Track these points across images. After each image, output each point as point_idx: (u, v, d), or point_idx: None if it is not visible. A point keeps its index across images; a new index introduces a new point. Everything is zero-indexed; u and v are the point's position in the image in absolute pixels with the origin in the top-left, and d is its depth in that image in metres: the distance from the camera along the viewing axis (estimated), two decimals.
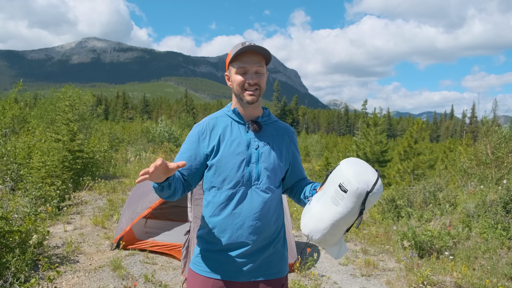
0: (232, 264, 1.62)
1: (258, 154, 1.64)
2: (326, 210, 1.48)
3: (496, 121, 12.87)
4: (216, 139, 1.65)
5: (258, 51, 1.60)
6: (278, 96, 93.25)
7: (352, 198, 1.43)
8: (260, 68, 1.61)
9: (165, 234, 5.03)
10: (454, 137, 62.03)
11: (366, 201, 1.43)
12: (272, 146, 1.68)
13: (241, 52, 1.59)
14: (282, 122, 1.80)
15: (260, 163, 1.63)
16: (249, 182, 1.61)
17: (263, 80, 1.63)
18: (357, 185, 1.43)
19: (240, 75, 1.61)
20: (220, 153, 1.63)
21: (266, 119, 1.73)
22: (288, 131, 1.78)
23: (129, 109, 78.87)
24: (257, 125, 1.67)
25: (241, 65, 1.60)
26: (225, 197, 1.61)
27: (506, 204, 5.76)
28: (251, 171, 1.62)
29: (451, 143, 24.84)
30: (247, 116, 1.69)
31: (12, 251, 3.73)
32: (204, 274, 1.64)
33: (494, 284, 4.06)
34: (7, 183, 7.12)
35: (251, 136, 1.66)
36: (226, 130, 1.67)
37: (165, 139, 23.72)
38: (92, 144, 9.91)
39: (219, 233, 1.62)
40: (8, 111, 11.88)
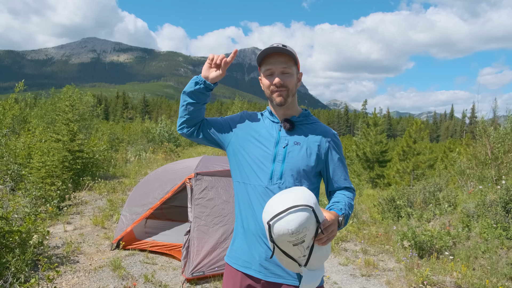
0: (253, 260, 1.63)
1: (285, 153, 1.61)
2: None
3: (496, 121, 12.87)
4: (249, 130, 1.70)
5: (280, 51, 1.57)
6: None
7: (266, 232, 1.36)
8: (287, 69, 1.59)
9: (165, 234, 5.03)
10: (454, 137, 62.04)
11: (272, 234, 1.32)
12: (302, 145, 1.63)
13: (267, 54, 1.59)
14: (322, 125, 1.73)
15: (286, 162, 1.60)
16: (271, 180, 1.60)
17: (291, 80, 1.61)
18: (263, 215, 1.38)
19: (267, 78, 1.62)
20: (248, 147, 1.67)
21: (303, 119, 1.69)
22: (327, 134, 1.69)
23: (129, 109, 78.88)
24: (289, 123, 1.65)
25: (267, 67, 1.61)
26: (246, 192, 1.64)
27: (505, 204, 5.76)
28: (275, 169, 1.60)
29: (451, 143, 24.85)
30: (281, 115, 1.68)
31: (12, 251, 3.73)
32: (234, 266, 1.68)
33: (494, 284, 4.06)
34: (7, 183, 7.13)
35: (282, 134, 1.65)
36: (261, 126, 1.70)
37: (165, 139, 23.72)
38: (92, 144, 9.92)
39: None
40: (8, 111, 11.88)
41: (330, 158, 1.68)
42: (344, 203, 1.59)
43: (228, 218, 4.18)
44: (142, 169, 12.72)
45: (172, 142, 23.22)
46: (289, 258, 1.38)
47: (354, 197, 1.71)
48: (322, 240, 1.37)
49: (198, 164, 4.51)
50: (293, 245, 1.33)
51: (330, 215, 1.41)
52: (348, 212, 1.58)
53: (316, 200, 1.37)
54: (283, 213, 1.31)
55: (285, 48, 1.56)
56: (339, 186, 1.70)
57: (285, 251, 1.36)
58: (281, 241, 1.33)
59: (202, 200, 4.17)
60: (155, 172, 5.29)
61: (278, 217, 1.31)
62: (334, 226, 1.41)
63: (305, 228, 1.30)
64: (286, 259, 1.40)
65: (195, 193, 4.19)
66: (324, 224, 1.36)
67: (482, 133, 9.88)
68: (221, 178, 4.43)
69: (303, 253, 1.37)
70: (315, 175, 1.66)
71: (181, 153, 21.01)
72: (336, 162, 1.69)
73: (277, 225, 1.31)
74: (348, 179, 1.73)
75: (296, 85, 1.65)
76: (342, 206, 1.56)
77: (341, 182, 1.70)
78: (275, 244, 1.35)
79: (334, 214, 1.45)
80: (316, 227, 1.34)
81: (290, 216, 1.30)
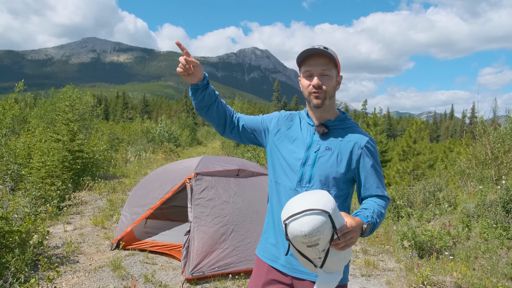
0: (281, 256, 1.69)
1: (315, 158, 1.62)
2: None
3: (496, 121, 12.86)
4: (284, 131, 1.73)
5: (321, 53, 1.56)
6: (278, 96, 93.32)
7: (284, 230, 1.40)
8: (326, 71, 1.58)
9: (165, 234, 5.03)
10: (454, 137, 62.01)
11: (287, 233, 1.36)
12: (333, 151, 1.62)
13: (307, 55, 1.59)
14: (358, 129, 1.70)
15: (315, 167, 1.61)
16: (300, 183, 1.62)
17: (330, 83, 1.59)
18: (282, 214, 1.41)
19: (306, 79, 1.62)
20: (281, 149, 1.71)
21: (338, 124, 1.68)
22: (361, 140, 1.64)
23: (129, 109, 78.82)
24: (324, 127, 1.65)
25: (306, 68, 1.60)
26: (277, 191, 1.69)
27: (505, 204, 5.77)
28: (304, 173, 1.62)
29: (451, 143, 24.84)
30: (318, 118, 1.68)
31: (12, 251, 3.73)
32: (262, 258, 1.76)
33: (494, 284, 4.06)
34: (7, 183, 7.13)
35: (315, 138, 1.66)
36: (296, 128, 1.72)
37: (165, 139, 23.72)
38: (92, 144, 9.92)
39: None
40: (8, 111, 11.88)
41: (362, 165, 1.64)
42: (372, 210, 1.56)
43: (228, 218, 4.18)
44: (142, 169, 12.72)
45: (172, 142, 23.22)
46: (304, 258, 1.41)
47: (386, 205, 1.67)
48: (339, 246, 1.36)
49: (198, 164, 4.51)
50: (307, 246, 1.35)
51: (352, 222, 1.39)
52: (376, 220, 1.54)
53: (335, 206, 1.37)
54: (299, 215, 1.33)
55: (326, 50, 1.55)
56: (371, 193, 1.67)
57: (300, 251, 1.39)
58: (295, 241, 1.35)
59: (202, 200, 4.17)
60: (155, 172, 5.29)
61: (294, 218, 1.33)
62: (354, 233, 1.38)
63: (318, 232, 1.31)
64: (301, 258, 1.42)
65: (195, 193, 4.18)
66: (342, 230, 1.35)
67: (482, 133, 9.88)
68: (221, 178, 4.43)
69: (318, 256, 1.38)
70: (345, 182, 1.65)
71: (181, 153, 21.02)
72: (369, 169, 1.65)
73: (291, 225, 1.34)
74: (382, 187, 1.68)
75: (335, 88, 1.64)
76: (369, 214, 1.53)
77: (373, 189, 1.66)
78: (291, 243, 1.38)
79: (357, 221, 1.42)
80: (332, 232, 1.34)
81: (304, 218, 1.32)
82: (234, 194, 4.37)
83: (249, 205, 4.38)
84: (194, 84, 1.63)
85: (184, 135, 30.47)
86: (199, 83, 1.62)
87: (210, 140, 39.47)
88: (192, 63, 1.56)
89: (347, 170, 1.62)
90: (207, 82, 1.65)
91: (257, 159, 14.96)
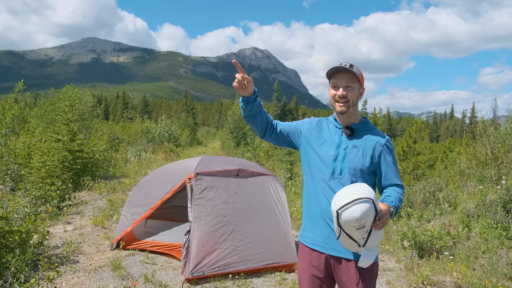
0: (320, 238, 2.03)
1: (345, 154, 1.98)
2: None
3: (496, 121, 12.86)
4: (316, 134, 2.09)
5: (346, 70, 1.91)
6: (278, 96, 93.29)
7: (334, 219, 1.73)
8: (350, 84, 1.94)
9: (165, 234, 5.03)
10: (454, 137, 61.97)
11: (340, 221, 1.70)
12: (359, 149, 1.97)
13: (335, 71, 1.95)
14: (378, 131, 2.07)
15: (345, 161, 1.96)
16: (333, 175, 1.97)
17: (353, 94, 1.95)
18: (332, 206, 1.76)
19: (333, 89, 1.99)
20: (315, 148, 2.05)
21: (361, 126, 2.04)
22: (381, 140, 2.01)
23: (129, 109, 78.75)
24: (350, 130, 2.00)
25: (334, 81, 1.98)
26: (313, 184, 2.03)
27: (505, 204, 5.76)
28: (336, 167, 1.97)
29: (451, 143, 24.81)
30: (343, 122, 2.04)
31: (12, 251, 3.73)
32: (304, 243, 2.10)
33: (494, 284, 4.06)
34: (7, 183, 7.13)
35: (343, 138, 2.01)
36: (325, 131, 2.08)
37: (165, 139, 23.72)
38: (92, 144, 9.91)
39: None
40: (8, 111, 11.87)
41: (383, 159, 2.01)
42: (394, 197, 1.94)
43: (228, 218, 4.17)
44: (142, 169, 12.72)
45: (172, 142, 23.21)
46: (351, 239, 1.75)
47: (403, 193, 2.04)
48: (378, 226, 1.74)
49: (198, 164, 4.51)
50: (356, 229, 1.70)
51: (384, 206, 1.79)
52: (398, 204, 1.92)
53: (374, 194, 1.74)
54: (350, 204, 1.68)
55: (351, 68, 1.90)
56: (390, 183, 2.03)
57: (349, 234, 1.73)
58: (347, 226, 1.70)
59: (202, 200, 4.17)
60: (155, 172, 5.29)
61: (346, 207, 1.68)
62: (387, 215, 1.78)
63: (366, 216, 1.67)
64: (348, 240, 1.77)
65: (195, 193, 4.18)
66: (380, 213, 1.73)
67: (482, 133, 9.88)
68: (221, 178, 4.43)
69: (363, 236, 1.73)
70: (369, 173, 2.00)
71: (181, 153, 21.02)
72: (389, 163, 2.01)
73: (344, 213, 1.68)
74: (399, 177, 2.05)
75: (357, 98, 1.99)
76: (393, 199, 1.92)
77: (392, 180, 2.03)
78: (342, 229, 1.73)
79: (386, 205, 1.82)
80: (375, 215, 1.70)
81: (355, 206, 1.67)
82: (234, 194, 4.37)
83: (249, 205, 4.38)
84: (246, 97, 1.99)
85: (184, 135, 30.46)
86: (250, 96, 1.99)
87: (210, 140, 39.45)
88: (247, 79, 1.93)
89: (371, 163, 1.98)
90: (256, 96, 2.02)
91: (257, 159, 14.96)
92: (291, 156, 14.75)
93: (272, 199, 4.59)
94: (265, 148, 20.21)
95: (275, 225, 4.41)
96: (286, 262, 4.29)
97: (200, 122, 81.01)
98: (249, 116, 2.04)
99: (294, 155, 14.91)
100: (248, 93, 1.96)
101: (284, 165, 14.94)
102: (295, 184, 12.38)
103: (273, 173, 5.21)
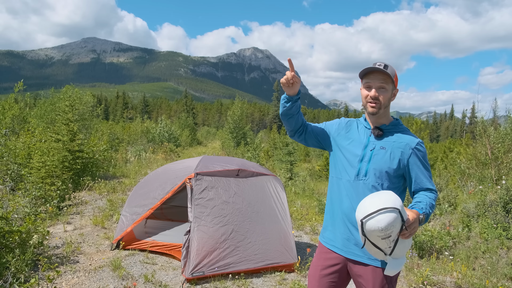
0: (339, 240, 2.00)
1: (371, 155, 1.93)
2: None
3: (496, 121, 12.85)
4: (344, 134, 2.05)
5: (380, 70, 1.86)
6: (278, 96, 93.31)
7: (359, 227, 1.67)
8: (383, 85, 1.89)
9: (165, 234, 5.03)
10: (454, 137, 61.94)
11: (364, 230, 1.63)
12: (387, 150, 1.91)
13: (369, 71, 1.90)
14: (409, 133, 1.98)
15: (371, 162, 1.91)
16: (357, 176, 1.92)
17: (386, 95, 1.90)
18: (357, 214, 1.70)
19: (365, 90, 1.94)
20: (342, 148, 2.02)
21: (391, 128, 1.98)
22: (412, 142, 1.93)
23: (129, 109, 78.73)
24: (379, 130, 1.95)
25: (367, 81, 1.93)
26: (338, 185, 1.99)
27: (505, 204, 5.76)
28: (361, 168, 1.92)
29: (451, 143, 24.81)
30: (373, 123, 2.00)
31: (12, 251, 3.73)
32: (325, 245, 2.06)
33: (494, 284, 4.06)
34: (7, 183, 7.13)
35: (371, 139, 1.97)
36: (354, 131, 2.04)
37: (165, 139, 23.72)
38: (92, 144, 9.91)
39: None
40: (8, 111, 11.87)
41: (413, 163, 1.91)
42: (425, 203, 1.83)
43: (228, 218, 4.17)
44: (142, 169, 12.72)
45: (172, 142, 23.21)
46: (377, 248, 1.68)
47: (436, 198, 1.93)
48: (405, 235, 1.66)
49: (198, 164, 4.51)
50: (382, 239, 1.63)
51: (413, 214, 1.69)
52: (429, 211, 1.82)
53: (401, 203, 1.65)
54: (375, 213, 1.61)
55: (385, 69, 1.85)
56: (422, 187, 1.93)
57: (374, 243, 1.66)
58: (372, 235, 1.63)
59: (202, 200, 4.17)
60: (155, 172, 5.29)
61: (370, 217, 1.61)
62: (416, 223, 1.69)
63: (392, 226, 1.59)
64: (374, 249, 1.70)
65: (195, 193, 4.18)
66: (408, 222, 1.64)
67: (482, 133, 9.88)
68: (221, 178, 4.42)
69: (389, 245, 1.65)
70: (397, 177, 1.92)
71: (181, 153, 21.02)
72: (419, 167, 1.92)
73: (369, 223, 1.61)
74: (431, 181, 1.95)
75: (389, 99, 1.94)
76: (423, 206, 1.81)
77: (423, 184, 1.93)
78: (366, 237, 1.66)
79: (416, 213, 1.72)
80: (401, 225, 1.62)
81: (380, 216, 1.60)
82: (234, 194, 4.37)
83: (249, 205, 4.38)
84: (290, 96, 1.96)
85: (184, 135, 30.46)
86: (294, 96, 1.96)
87: (210, 140, 39.45)
88: (295, 79, 1.90)
89: (398, 166, 1.90)
90: (299, 97, 1.99)
91: (257, 159, 14.96)
92: (291, 156, 14.75)
93: (272, 199, 4.59)
94: (265, 148, 20.22)
95: (275, 225, 4.41)
96: (286, 262, 4.29)
97: (200, 122, 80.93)
98: (287, 114, 2.03)
99: (294, 155, 14.91)
100: (293, 93, 1.95)
101: (284, 165, 14.94)
102: (295, 184, 12.38)
103: (273, 173, 5.20)
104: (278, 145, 22.92)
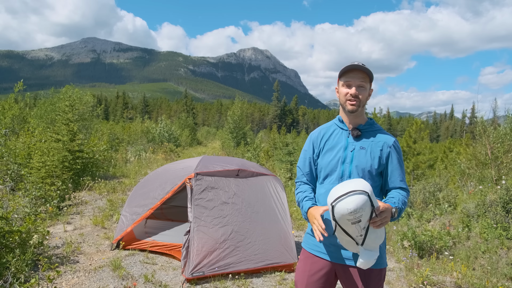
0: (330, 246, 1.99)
1: (353, 156, 1.96)
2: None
3: (496, 121, 12.85)
4: (322, 144, 2.06)
5: (360, 69, 1.90)
6: (278, 96, 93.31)
7: (330, 212, 1.69)
8: (363, 83, 1.92)
9: (165, 234, 5.03)
10: (454, 137, 61.94)
11: (334, 214, 1.65)
12: (367, 150, 1.95)
13: (348, 69, 1.93)
14: (385, 132, 2.04)
15: (353, 163, 1.94)
16: (342, 178, 1.95)
17: (364, 94, 1.94)
18: (328, 199, 1.72)
19: (345, 88, 1.95)
20: (323, 156, 2.04)
21: (368, 127, 2.02)
22: (388, 141, 1.99)
23: (129, 109, 78.75)
24: (357, 131, 1.98)
25: (346, 79, 1.95)
26: (325, 190, 1.98)
27: (505, 204, 5.76)
28: (344, 169, 1.95)
29: (451, 143, 24.81)
30: (351, 122, 2.01)
31: (12, 251, 3.73)
32: (311, 252, 2.05)
33: (494, 284, 4.06)
34: (7, 183, 7.13)
35: (350, 140, 1.99)
36: (331, 136, 2.05)
37: (165, 139, 23.72)
38: (92, 144, 9.91)
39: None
40: (8, 111, 11.87)
41: (390, 161, 1.97)
42: (398, 199, 1.89)
43: (227, 219, 4.17)
44: (142, 169, 12.72)
45: (172, 142, 23.21)
46: (348, 236, 1.69)
47: (408, 196, 1.99)
48: (376, 223, 1.69)
49: (198, 164, 4.51)
50: (352, 223, 1.63)
51: (384, 204, 1.74)
52: (401, 207, 1.87)
53: (371, 189, 1.68)
54: (344, 196, 1.63)
55: (365, 66, 1.89)
56: (395, 185, 1.98)
57: (344, 229, 1.67)
58: (342, 219, 1.64)
59: (202, 201, 4.17)
60: (155, 172, 5.29)
61: (340, 199, 1.64)
62: (387, 213, 1.73)
63: (361, 209, 1.61)
64: (345, 237, 1.70)
65: (195, 193, 4.18)
66: (378, 209, 1.67)
67: (482, 133, 9.88)
68: (221, 178, 4.43)
69: (360, 233, 1.66)
70: (377, 175, 1.97)
71: (181, 153, 21.02)
72: (395, 164, 1.98)
73: (338, 205, 1.64)
74: (404, 180, 2.01)
75: (367, 98, 1.97)
76: (396, 201, 1.87)
77: (397, 182, 1.98)
78: (337, 223, 1.67)
79: (388, 205, 1.77)
80: (371, 210, 1.63)
81: (349, 198, 1.62)
82: (234, 194, 4.37)
83: (248, 205, 4.38)
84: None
85: (184, 135, 30.46)
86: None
87: (210, 140, 39.44)
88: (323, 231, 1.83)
89: (378, 164, 1.95)
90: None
91: (257, 159, 14.96)
92: (291, 156, 14.75)
93: (272, 199, 4.59)
94: (265, 148, 20.21)
95: (275, 225, 4.41)
96: (286, 262, 4.29)
97: (200, 122, 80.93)
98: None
99: (294, 155, 14.91)
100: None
101: (284, 165, 14.95)
102: (295, 184, 12.37)
103: (273, 173, 5.20)
104: (278, 145, 22.93)
